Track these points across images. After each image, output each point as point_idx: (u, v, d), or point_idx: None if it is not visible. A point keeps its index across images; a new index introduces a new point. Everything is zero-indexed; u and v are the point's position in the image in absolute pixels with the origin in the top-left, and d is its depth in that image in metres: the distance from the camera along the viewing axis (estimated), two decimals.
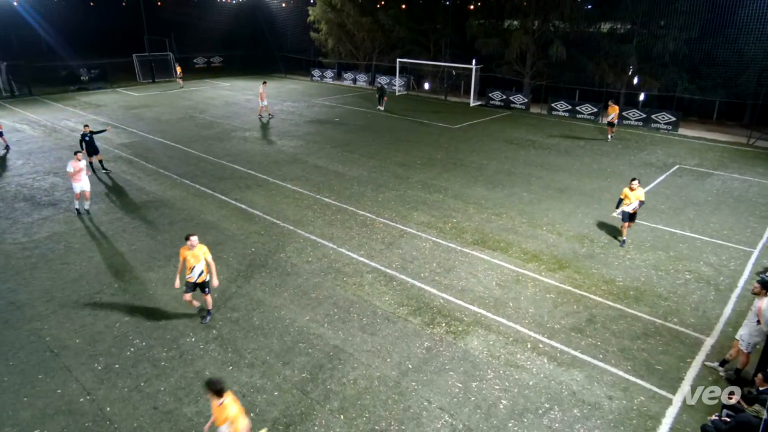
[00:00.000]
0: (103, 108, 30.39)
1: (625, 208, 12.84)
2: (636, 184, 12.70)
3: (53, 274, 11.39)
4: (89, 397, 7.83)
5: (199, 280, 9.32)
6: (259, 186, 17.08)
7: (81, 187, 14.46)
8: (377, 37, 40.87)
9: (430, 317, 9.95)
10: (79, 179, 14.34)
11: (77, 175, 14.24)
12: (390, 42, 40.77)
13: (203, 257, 9.21)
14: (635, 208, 12.79)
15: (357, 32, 41.07)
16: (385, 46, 41.33)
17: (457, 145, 22.75)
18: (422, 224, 14.19)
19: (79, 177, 14.30)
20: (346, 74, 42.87)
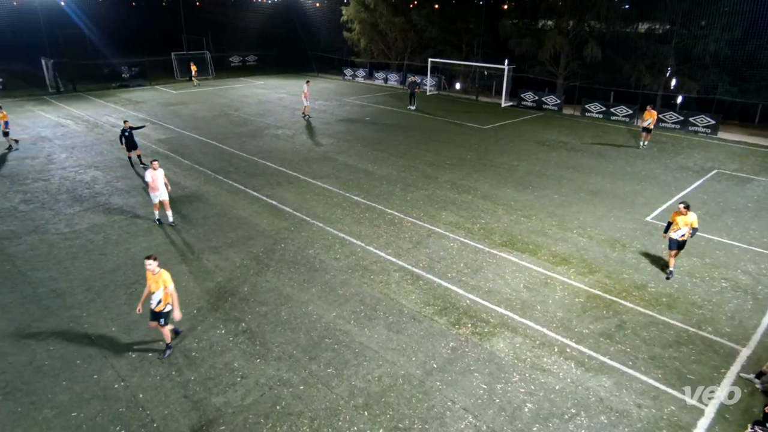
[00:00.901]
0: (142, 104, 31.25)
1: (673, 234, 11.34)
2: (684, 208, 11.07)
3: (92, 264, 11.78)
4: (123, 383, 8.07)
5: (156, 308, 8.39)
6: (290, 183, 17.27)
7: (159, 197, 13.59)
8: (409, 36, 40.79)
9: (456, 317, 9.89)
10: (157, 189, 13.45)
11: (154, 184, 13.38)
12: (422, 42, 40.63)
13: (162, 285, 8.29)
14: (684, 236, 11.23)
15: (389, 32, 41.09)
16: (417, 46, 41.21)
17: (488, 146, 22.52)
18: (450, 224, 14.11)
19: (156, 186, 13.42)
20: (378, 74, 42.94)
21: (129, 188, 16.62)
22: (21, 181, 17.08)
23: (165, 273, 8.33)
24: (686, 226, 11.14)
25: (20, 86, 36.04)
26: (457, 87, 38.42)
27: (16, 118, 26.72)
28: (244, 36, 52.63)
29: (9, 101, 31.81)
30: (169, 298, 8.37)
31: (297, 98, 33.11)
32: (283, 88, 38.71)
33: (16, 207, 14.99)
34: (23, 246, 12.59)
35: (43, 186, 16.70)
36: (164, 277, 8.29)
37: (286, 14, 51.92)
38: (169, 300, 8.39)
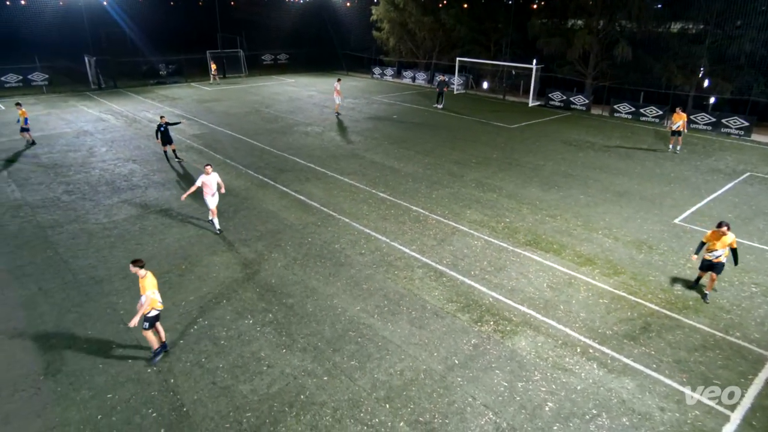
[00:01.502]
0: (178, 101, 31.90)
1: (707, 255, 10.37)
2: (726, 229, 10.04)
3: (129, 253, 12.10)
4: (156, 368, 8.29)
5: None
6: (318, 179, 17.41)
7: (213, 203, 12.97)
8: (438, 36, 40.54)
9: (478, 315, 9.83)
10: (210, 194, 12.82)
11: (207, 189, 12.74)
12: (450, 41, 40.32)
13: (145, 291, 8.10)
14: (720, 257, 10.20)
15: (418, 31, 40.91)
16: (445, 45, 40.92)
17: (514, 145, 22.25)
18: (475, 222, 14.01)
19: (210, 191, 12.78)
20: (406, 72, 42.82)
21: (164, 181, 17.01)
22: (64, 173, 17.66)
23: (147, 279, 8.08)
24: (725, 248, 10.14)
25: (65, 82, 37.19)
26: (484, 86, 38.03)
27: (61, 113, 27.65)
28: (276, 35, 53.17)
29: (54, 97, 32.92)
30: (146, 304, 8.03)
31: (326, 96, 33.31)
32: (313, 86, 38.98)
33: (59, 197, 15.51)
34: (65, 234, 13.03)
35: (84, 178, 17.24)
36: (145, 283, 8.06)
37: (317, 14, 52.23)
38: (153, 305, 8.10)
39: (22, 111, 21.12)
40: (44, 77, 35.64)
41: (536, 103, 32.66)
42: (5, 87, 34.43)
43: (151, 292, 8.06)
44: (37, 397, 7.64)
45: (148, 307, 8.11)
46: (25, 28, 47.15)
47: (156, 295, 8.18)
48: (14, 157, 19.46)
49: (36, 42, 42.78)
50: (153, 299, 8.11)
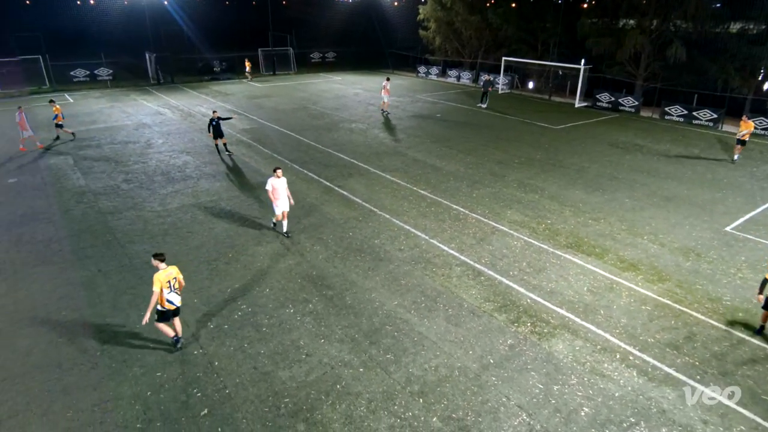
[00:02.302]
0: (230, 96, 32.78)
1: None
2: None
3: (180, 240, 12.57)
4: (202, 350, 8.59)
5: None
6: (361, 175, 17.52)
7: (282, 208, 12.43)
8: (484, 35, 39.95)
9: (515, 315, 9.67)
10: (279, 198, 12.28)
11: (276, 194, 12.21)
12: (497, 40, 39.65)
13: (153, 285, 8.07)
14: None
15: (464, 30, 40.43)
16: (492, 45, 40.26)
17: (558, 146, 21.68)
18: (515, 223, 13.76)
19: (278, 195, 12.25)
20: (451, 71, 42.44)
21: (215, 173, 17.54)
22: (124, 163, 18.50)
23: (156, 274, 8.06)
24: None
25: (127, 77, 38.93)
26: (530, 86, 37.21)
27: (123, 106, 28.95)
28: (325, 33, 53.76)
29: (117, 91, 34.50)
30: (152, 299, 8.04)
31: (372, 94, 33.46)
32: (360, 83, 39.20)
33: (118, 186, 16.27)
34: (123, 221, 13.66)
35: (141, 168, 18.00)
36: (153, 278, 8.05)
37: (365, 13, 52.49)
38: (153, 300, 8.05)
39: (56, 108, 21.35)
40: (109, 72, 37.43)
41: (583, 104, 31.69)
42: (74, 81, 36.37)
43: (156, 288, 7.98)
44: (93, 372, 8.06)
45: (154, 303, 8.06)
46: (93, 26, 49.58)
47: (168, 294, 8.13)
48: (81, 147, 20.53)
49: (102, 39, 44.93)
50: (159, 296, 8.07)
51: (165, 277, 8.12)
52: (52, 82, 34.80)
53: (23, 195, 15.41)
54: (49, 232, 12.97)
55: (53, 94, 32.62)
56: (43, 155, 19.42)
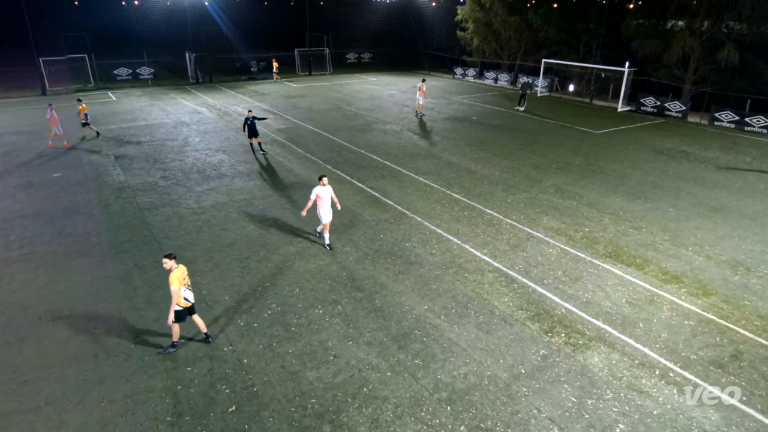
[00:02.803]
0: (266, 96, 33.40)
1: None
2: None
3: (214, 237, 12.87)
4: (231, 347, 8.76)
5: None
6: (394, 177, 17.54)
7: (328, 217, 11.98)
8: (524, 36, 39.42)
9: (549, 325, 9.47)
10: (323, 207, 11.78)
11: (321, 201, 11.73)
12: (536, 42, 39.06)
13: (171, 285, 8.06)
14: None
15: (503, 31, 40.00)
16: (531, 46, 39.69)
17: (599, 152, 21.16)
18: (551, 230, 13.50)
19: (323, 204, 11.75)
20: (488, 73, 42.00)
21: (249, 172, 17.89)
22: (162, 160, 19.09)
23: (173, 273, 8.07)
24: None
25: (167, 76, 40.22)
26: (570, 89, 36.47)
27: (162, 105, 29.90)
28: (361, 34, 54.20)
29: (157, 89, 35.65)
30: (173, 298, 8.11)
31: (407, 95, 33.48)
32: (395, 84, 39.29)
33: (156, 182, 16.79)
34: (159, 216, 14.09)
35: (178, 165, 18.54)
36: (170, 277, 8.05)
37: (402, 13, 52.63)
38: (178, 301, 8.16)
39: (83, 106, 21.69)
40: (150, 71, 38.76)
41: (626, 108, 30.84)
42: (117, 79, 37.81)
43: (175, 287, 8.04)
44: (127, 363, 8.34)
45: (176, 301, 8.14)
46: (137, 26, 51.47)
47: (183, 291, 8.21)
48: (121, 144, 21.30)
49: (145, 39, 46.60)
50: (179, 295, 8.15)
51: (181, 276, 8.25)
52: (97, 80, 36.27)
53: (66, 189, 16.10)
54: (89, 225, 13.51)
55: (97, 92, 34.01)
56: (86, 152, 20.24)
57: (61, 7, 49.66)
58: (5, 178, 17.04)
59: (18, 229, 13.24)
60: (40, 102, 30.05)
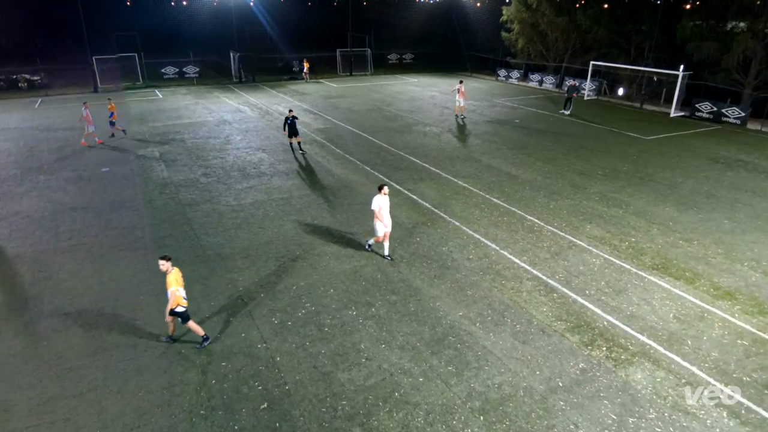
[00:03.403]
0: (307, 96, 33.92)
1: None
2: None
3: (251, 235, 13.16)
4: (265, 345, 8.93)
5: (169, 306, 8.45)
6: (432, 180, 17.48)
7: (386, 228, 11.60)
8: (572, 38, 38.56)
9: (590, 338, 9.21)
10: (383, 218, 11.44)
11: (381, 213, 11.36)
12: (585, 43, 38.15)
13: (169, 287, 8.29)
14: None
15: (550, 32, 39.26)
16: (579, 48, 38.78)
17: (648, 158, 20.45)
18: (595, 238, 13.13)
19: (383, 215, 11.41)
20: (533, 75, 41.29)
21: (288, 171, 18.21)
22: (204, 157, 19.68)
23: (171, 274, 8.25)
24: None
25: (211, 75, 41.47)
26: (619, 93, 35.41)
27: (206, 103, 30.83)
28: (403, 35, 54.34)
29: (202, 88, 36.78)
30: (170, 300, 8.28)
31: (448, 97, 33.31)
32: (436, 86, 39.16)
33: (198, 179, 17.32)
34: (200, 213, 14.52)
35: (220, 163, 19.06)
36: (169, 278, 8.23)
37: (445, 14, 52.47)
38: (178, 301, 8.34)
39: (112, 105, 22.14)
40: (195, 70, 40.07)
41: (679, 114, 29.69)
42: (164, 78, 39.25)
43: (174, 288, 8.23)
44: (165, 356, 8.63)
45: (174, 303, 8.31)
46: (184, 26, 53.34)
47: (180, 291, 8.38)
48: (166, 141, 22.09)
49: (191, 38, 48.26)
50: (177, 296, 8.32)
51: (179, 277, 8.49)
52: (145, 78, 37.76)
53: (114, 183, 16.81)
54: (134, 219, 14.06)
55: (145, 90, 35.39)
56: (133, 148, 21.07)
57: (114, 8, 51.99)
58: (58, 172, 17.95)
59: (68, 221, 13.91)
60: (93, 99, 31.52)
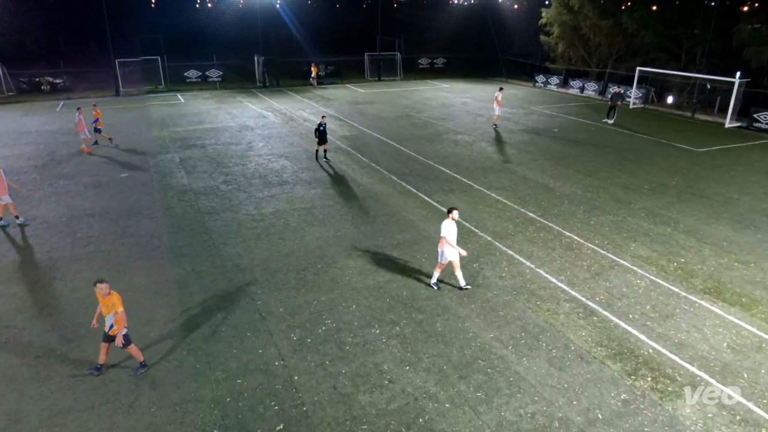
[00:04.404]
0: (333, 101, 34.33)
1: None
2: None
3: (271, 246, 13.31)
4: (283, 362, 8.97)
5: (110, 332, 8.36)
6: (463, 191, 17.40)
7: (452, 256, 10.83)
8: (616, 42, 38.14)
9: (633, 366, 8.96)
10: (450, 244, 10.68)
11: (451, 239, 10.63)
12: (631, 48, 37.68)
13: (113, 309, 8.22)
14: None
15: (593, 36, 38.91)
16: (624, 53, 38.31)
17: (700, 172, 19.94)
18: (640, 258, 12.83)
19: (451, 241, 10.66)
20: (574, 82, 40.87)
21: (311, 180, 18.40)
22: (225, 164, 20.06)
23: (116, 296, 8.22)
24: None
25: (234, 79, 42.36)
26: (668, 101, 34.75)
27: (228, 108, 31.50)
28: (435, 38, 54.63)
29: (224, 92, 37.62)
30: (121, 322, 8.24)
31: (481, 104, 33.26)
32: (468, 92, 39.15)
33: (218, 186, 17.65)
34: (219, 222, 14.77)
35: (240, 170, 19.40)
36: (114, 300, 8.19)
37: (480, 16, 52.48)
38: (121, 324, 8.26)
39: (97, 112, 22.15)
40: (219, 74, 41.04)
41: (735, 124, 28.92)
42: (186, 81, 40.29)
43: (122, 309, 8.22)
44: (179, 370, 8.75)
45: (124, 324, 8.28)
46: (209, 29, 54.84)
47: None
48: (187, 146, 22.62)
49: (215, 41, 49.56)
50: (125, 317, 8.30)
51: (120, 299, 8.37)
52: (167, 81, 38.83)
53: (132, 189, 17.27)
54: (151, 227, 14.39)
55: (167, 94, 36.38)
56: (153, 153, 21.63)
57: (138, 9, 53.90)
58: (77, 177, 18.56)
59: (85, 228, 14.33)
60: (114, 103, 32.62)
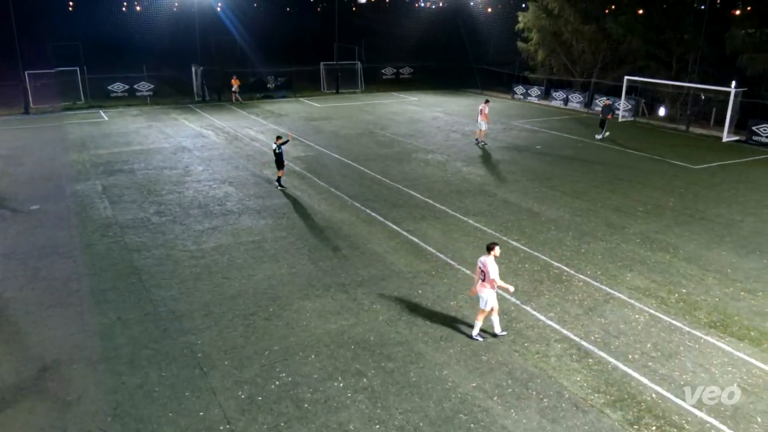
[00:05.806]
0: (284, 117, 34.45)
1: None
2: None
3: (214, 287, 13.06)
4: (229, 426, 8.71)
5: None
6: (436, 218, 17.57)
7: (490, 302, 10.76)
8: (601, 48, 39.73)
9: (635, 415, 9.08)
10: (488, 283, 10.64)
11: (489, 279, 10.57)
12: (617, 55, 39.34)
13: None
14: None
15: (575, 43, 40.45)
16: (610, 61, 39.96)
17: (698, 192, 20.73)
18: (637, 290, 13.14)
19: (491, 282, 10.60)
20: (556, 93, 42.24)
21: (261, 208, 18.27)
22: (157, 192, 19.75)
23: None
24: None
25: (168, 93, 42.09)
26: (660, 113, 36.25)
27: (162, 126, 31.20)
28: (400, 45, 55.74)
29: (156, 108, 37.32)
30: None
31: (454, 119, 33.95)
32: (439, 105, 39.94)
33: (149, 218, 17.32)
34: (151, 260, 14.44)
35: (176, 198, 19.12)
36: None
37: (450, 21, 53.98)
38: None
39: None
40: (149, 87, 40.71)
41: (733, 138, 30.32)
42: (111, 96, 39.76)
43: None
44: None
45: None
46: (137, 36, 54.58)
47: None
48: (111, 172, 22.20)
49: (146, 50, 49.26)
50: None
51: None
52: (88, 96, 38.25)
53: (45, 224, 16.76)
54: (69, 268, 13.95)
55: (87, 111, 35.81)
56: (71, 180, 21.13)
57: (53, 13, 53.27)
58: None
59: None
60: (23, 122, 31.88)
